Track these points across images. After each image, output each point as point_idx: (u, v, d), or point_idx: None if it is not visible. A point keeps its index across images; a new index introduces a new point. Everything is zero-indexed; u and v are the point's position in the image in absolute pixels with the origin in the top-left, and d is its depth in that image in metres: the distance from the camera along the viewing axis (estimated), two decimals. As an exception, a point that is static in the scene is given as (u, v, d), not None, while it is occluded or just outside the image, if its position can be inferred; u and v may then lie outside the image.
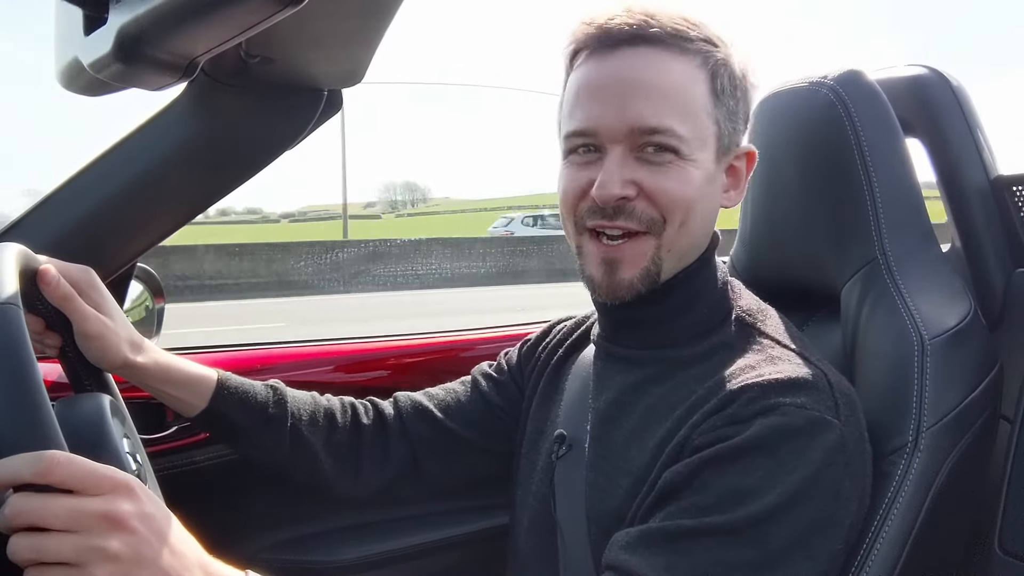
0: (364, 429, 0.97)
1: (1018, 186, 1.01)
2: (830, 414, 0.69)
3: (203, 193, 1.02)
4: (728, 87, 0.76)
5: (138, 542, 0.52)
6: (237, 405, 0.90)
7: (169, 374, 0.87)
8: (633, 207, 0.75)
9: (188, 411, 0.90)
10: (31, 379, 0.52)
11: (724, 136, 0.77)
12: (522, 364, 1.02)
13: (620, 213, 0.75)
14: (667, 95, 0.73)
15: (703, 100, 0.75)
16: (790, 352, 0.75)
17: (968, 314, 0.84)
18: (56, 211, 0.96)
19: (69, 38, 0.65)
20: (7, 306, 0.56)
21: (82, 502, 0.51)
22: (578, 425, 0.86)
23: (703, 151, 0.75)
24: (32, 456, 0.50)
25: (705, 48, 0.75)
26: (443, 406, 1.00)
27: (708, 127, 0.75)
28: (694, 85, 0.75)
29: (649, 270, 0.77)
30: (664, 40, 0.74)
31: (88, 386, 0.79)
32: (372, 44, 0.85)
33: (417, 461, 0.98)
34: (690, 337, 0.80)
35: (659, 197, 0.74)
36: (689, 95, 0.74)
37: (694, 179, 0.75)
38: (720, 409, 0.70)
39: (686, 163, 0.74)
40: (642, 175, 0.74)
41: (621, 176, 0.74)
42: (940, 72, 1.03)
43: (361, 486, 0.98)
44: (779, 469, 0.66)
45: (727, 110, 0.77)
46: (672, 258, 0.77)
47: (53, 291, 0.74)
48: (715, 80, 0.76)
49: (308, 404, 0.96)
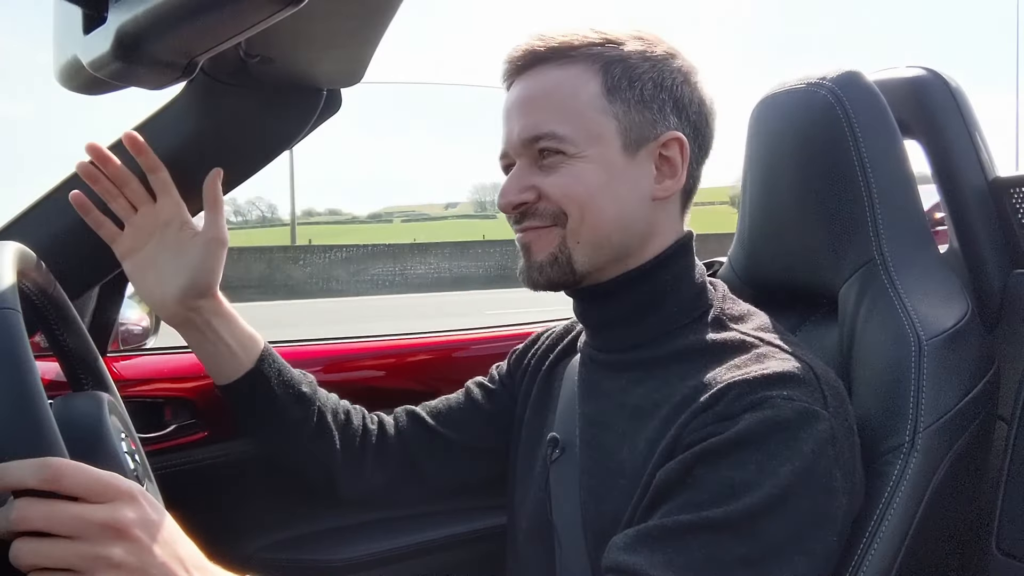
0: (369, 429, 1.01)
1: (1016, 188, 1.01)
2: (819, 405, 0.70)
3: (201, 192, 1.02)
4: (623, 81, 0.79)
5: (141, 551, 0.52)
6: (277, 374, 0.93)
7: (231, 319, 0.92)
8: (536, 208, 0.81)
9: (230, 371, 0.92)
10: (31, 385, 0.52)
11: (632, 128, 0.79)
12: (512, 372, 1.05)
13: (525, 216, 0.82)
14: (548, 104, 0.80)
15: (591, 99, 0.79)
16: (774, 348, 0.76)
17: (965, 315, 0.84)
18: (55, 210, 0.96)
19: (68, 37, 0.65)
20: (5, 310, 0.56)
21: (86, 509, 0.51)
22: (570, 429, 0.86)
23: (596, 147, 0.79)
24: (38, 462, 0.51)
25: (595, 51, 0.80)
26: (435, 413, 1.04)
27: (602, 123, 0.79)
28: (579, 88, 0.79)
29: (557, 256, 0.81)
30: (550, 56, 0.80)
31: (85, 384, 0.79)
32: (372, 44, 0.85)
33: (415, 462, 1.01)
34: (662, 335, 0.81)
35: (552, 196, 0.80)
36: (572, 97, 0.79)
37: (585, 174, 0.79)
38: (709, 407, 0.71)
39: (575, 160, 0.79)
40: (538, 179, 0.80)
41: (518, 185, 0.81)
42: (938, 73, 1.03)
43: (364, 481, 1.00)
44: (770, 461, 0.66)
45: (627, 103, 0.79)
46: (583, 248, 0.80)
47: (146, 155, 0.88)
48: (607, 78, 0.79)
49: (330, 396, 1.00)
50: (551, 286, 0.83)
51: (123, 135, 0.87)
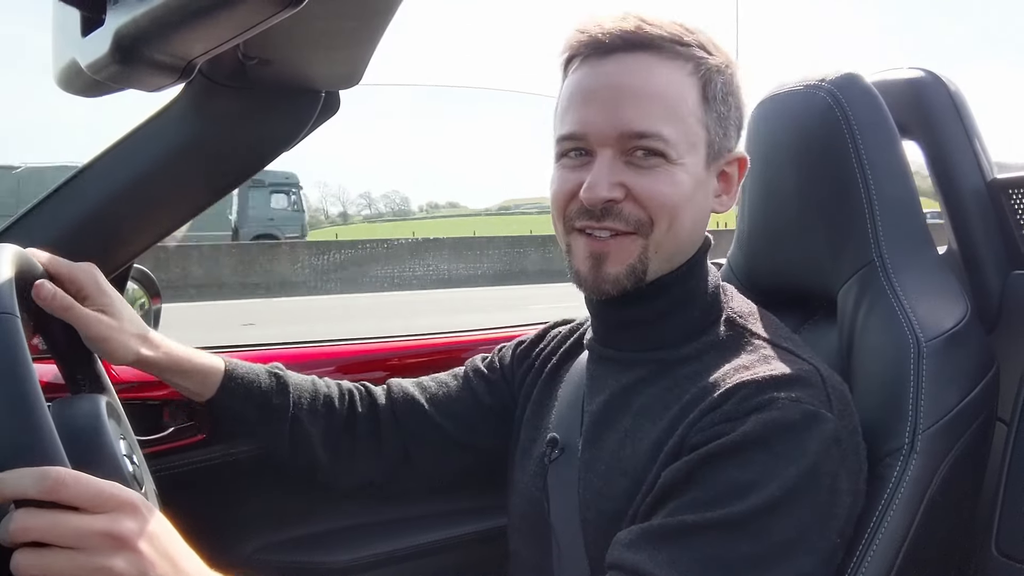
0: (359, 420, 0.99)
1: (1014, 189, 1.01)
2: (824, 408, 0.70)
3: (200, 194, 1.02)
4: (720, 94, 0.77)
5: (141, 561, 0.52)
6: (242, 395, 0.93)
7: (180, 365, 0.89)
8: (621, 209, 0.76)
9: (198, 399, 0.93)
10: (30, 393, 0.52)
11: (715, 142, 0.78)
12: (515, 366, 1.03)
13: (608, 215, 0.77)
14: (656, 100, 0.75)
15: (693, 105, 0.76)
16: (781, 350, 0.76)
17: (964, 316, 0.84)
18: (54, 212, 0.96)
19: (66, 39, 0.65)
20: (4, 316, 0.56)
21: (87, 520, 0.51)
22: (571, 429, 0.86)
23: (691, 155, 0.76)
24: (38, 472, 0.50)
25: (698, 54, 0.77)
26: (434, 400, 1.01)
27: (698, 132, 0.77)
28: (685, 90, 0.76)
29: (635, 268, 0.78)
30: (656, 45, 0.76)
31: (83, 386, 0.79)
32: (370, 46, 0.85)
33: (408, 454, 1.00)
34: (681, 338, 0.81)
35: (646, 200, 0.76)
36: (679, 100, 0.75)
37: (682, 182, 0.76)
38: (716, 407, 0.71)
39: (674, 167, 0.76)
40: (630, 178, 0.76)
41: (609, 179, 0.75)
42: (937, 75, 1.03)
43: (355, 477, 1.00)
44: (776, 462, 0.66)
45: (718, 116, 0.78)
46: (659, 259, 0.78)
47: (50, 304, 0.74)
48: (707, 86, 0.77)
49: (308, 392, 0.98)
50: (619, 295, 0.80)
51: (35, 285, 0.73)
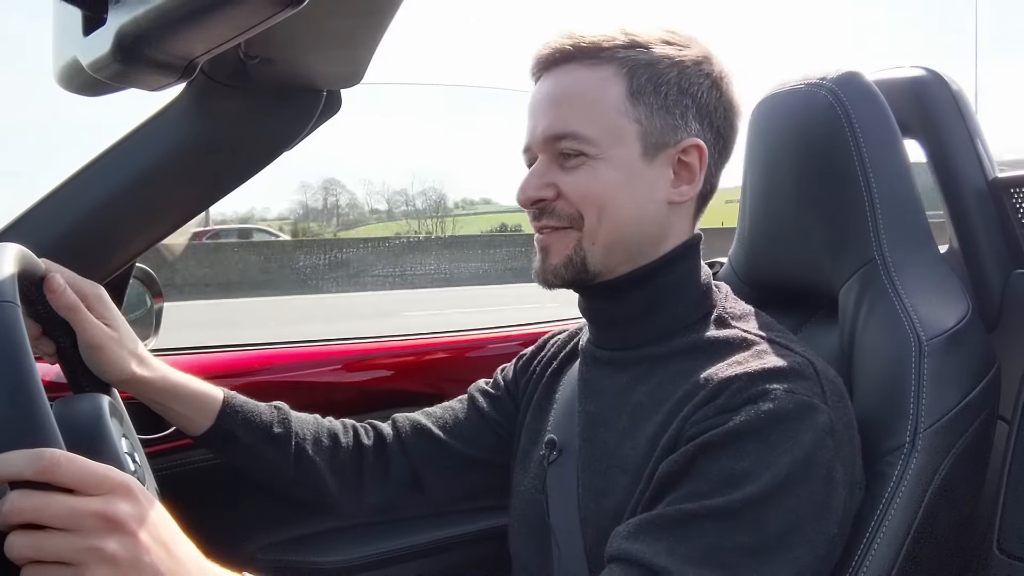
0: (366, 449, 0.99)
1: (1016, 188, 1.01)
2: (818, 399, 0.71)
3: (202, 193, 1.02)
4: (648, 86, 0.80)
5: (135, 544, 0.52)
6: (242, 424, 0.91)
7: (176, 390, 0.88)
8: (554, 207, 0.82)
9: (194, 429, 0.91)
10: (29, 377, 0.52)
11: (652, 132, 0.80)
12: (517, 379, 1.04)
13: (544, 214, 0.83)
14: (574, 103, 0.80)
15: (615, 101, 0.79)
16: (775, 345, 0.77)
17: (966, 315, 0.84)
18: (55, 211, 0.96)
19: (68, 38, 0.65)
20: (5, 304, 0.56)
21: (81, 502, 0.51)
22: (568, 430, 0.87)
23: (617, 148, 0.79)
24: (33, 453, 0.50)
25: (623, 54, 0.80)
26: (440, 423, 1.01)
27: (623, 125, 0.79)
28: (605, 89, 0.80)
29: (572, 258, 0.82)
30: (578, 55, 0.81)
31: (86, 385, 0.79)
32: (371, 45, 0.85)
33: (417, 477, 0.99)
34: (666, 333, 0.82)
35: (571, 195, 0.81)
36: (597, 99, 0.80)
37: (604, 176, 0.79)
38: (710, 400, 0.72)
39: (596, 162, 0.79)
40: (559, 177, 0.81)
41: (538, 181, 0.82)
42: (939, 74, 1.03)
43: (363, 505, 0.99)
44: (770, 452, 0.67)
45: (649, 108, 0.80)
46: (598, 249, 0.81)
47: (59, 299, 0.75)
48: (632, 81, 0.80)
49: (311, 425, 0.97)
50: (564, 285, 0.84)
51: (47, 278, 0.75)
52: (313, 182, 37.59)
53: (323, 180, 37.78)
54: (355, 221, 23.55)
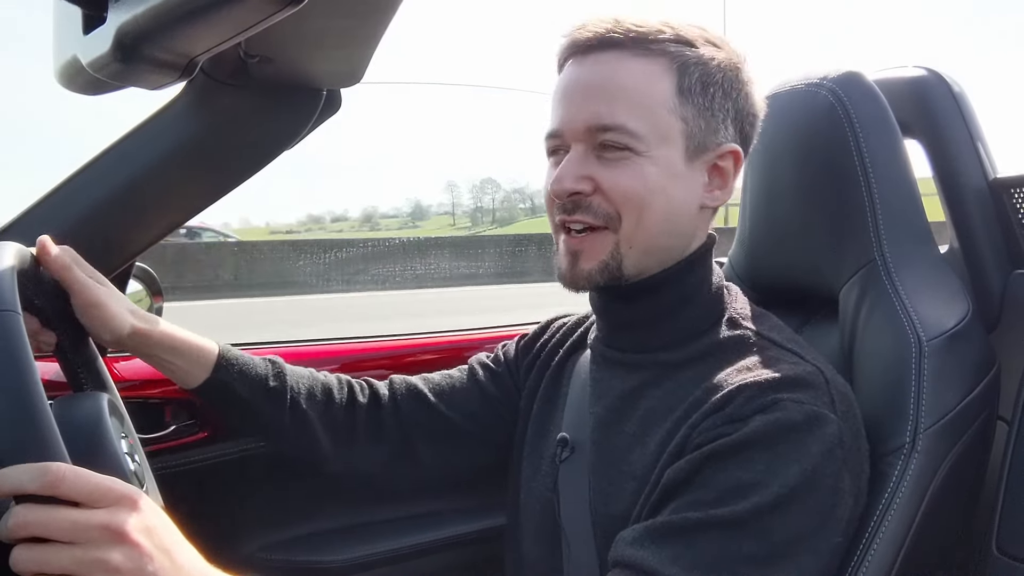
0: (359, 406, 0.98)
1: (1016, 188, 1.01)
2: (827, 409, 0.70)
3: (202, 192, 1.02)
4: (697, 86, 0.77)
5: (140, 555, 0.52)
6: (238, 376, 0.91)
7: (174, 343, 0.88)
8: (590, 202, 0.78)
9: (191, 381, 0.91)
10: (32, 389, 0.52)
11: (696, 134, 0.78)
12: (519, 359, 1.03)
13: (578, 208, 0.78)
14: (622, 94, 0.76)
15: (664, 97, 0.76)
16: (785, 351, 0.76)
17: (966, 315, 0.84)
18: (55, 209, 0.96)
19: (68, 37, 0.65)
20: (5, 313, 0.56)
21: (85, 514, 0.51)
22: (580, 430, 0.86)
23: (663, 147, 0.77)
24: (37, 468, 0.51)
25: (673, 48, 0.77)
26: (438, 391, 1.00)
27: (671, 124, 0.77)
28: (655, 83, 0.76)
29: (608, 264, 0.79)
30: (627, 43, 0.77)
31: (85, 384, 0.79)
32: (371, 44, 0.85)
33: (411, 444, 0.98)
34: (682, 339, 0.81)
35: (612, 192, 0.77)
36: (647, 93, 0.76)
37: (648, 175, 0.76)
38: (719, 408, 0.71)
39: (641, 159, 0.76)
40: (598, 171, 0.77)
41: (576, 172, 0.77)
42: (939, 74, 1.03)
43: (356, 461, 0.98)
44: (778, 462, 0.66)
45: (697, 108, 0.77)
46: (634, 253, 0.79)
47: (53, 261, 0.75)
48: (682, 78, 0.77)
49: (306, 378, 0.97)
50: (594, 289, 0.82)
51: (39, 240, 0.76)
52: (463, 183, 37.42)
53: (480, 180, 37.76)
54: (508, 218, 23.33)
